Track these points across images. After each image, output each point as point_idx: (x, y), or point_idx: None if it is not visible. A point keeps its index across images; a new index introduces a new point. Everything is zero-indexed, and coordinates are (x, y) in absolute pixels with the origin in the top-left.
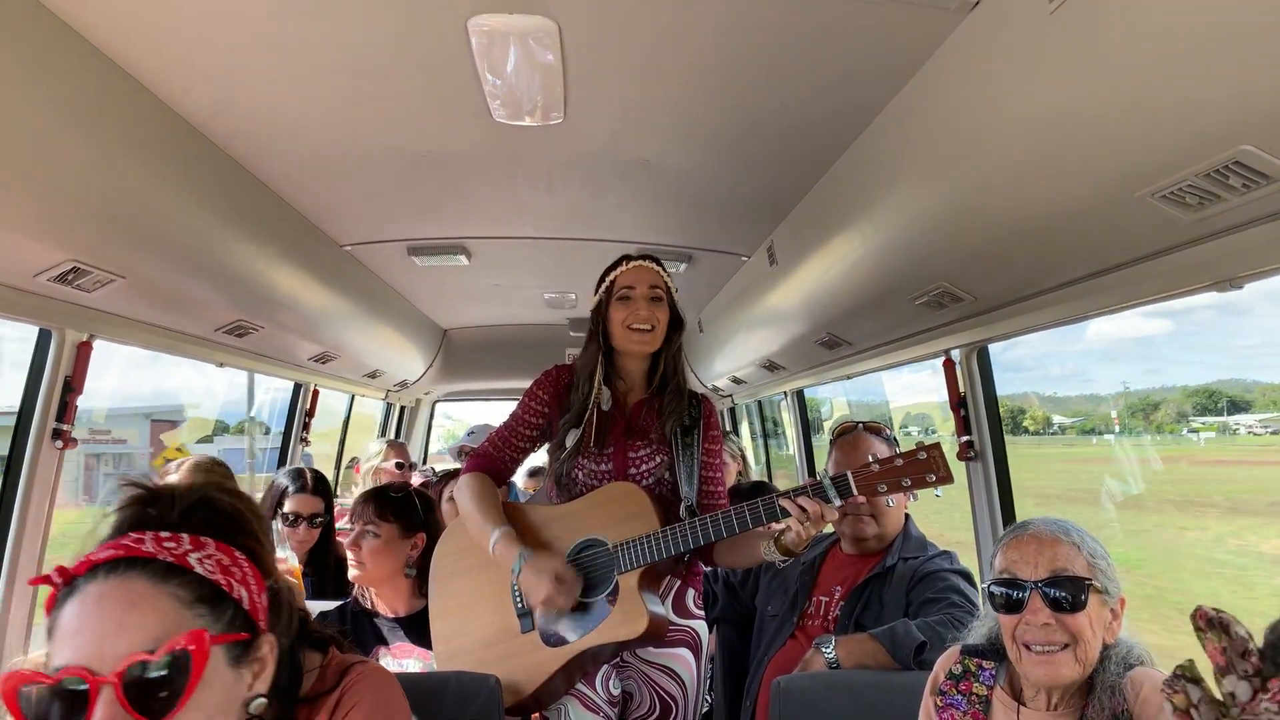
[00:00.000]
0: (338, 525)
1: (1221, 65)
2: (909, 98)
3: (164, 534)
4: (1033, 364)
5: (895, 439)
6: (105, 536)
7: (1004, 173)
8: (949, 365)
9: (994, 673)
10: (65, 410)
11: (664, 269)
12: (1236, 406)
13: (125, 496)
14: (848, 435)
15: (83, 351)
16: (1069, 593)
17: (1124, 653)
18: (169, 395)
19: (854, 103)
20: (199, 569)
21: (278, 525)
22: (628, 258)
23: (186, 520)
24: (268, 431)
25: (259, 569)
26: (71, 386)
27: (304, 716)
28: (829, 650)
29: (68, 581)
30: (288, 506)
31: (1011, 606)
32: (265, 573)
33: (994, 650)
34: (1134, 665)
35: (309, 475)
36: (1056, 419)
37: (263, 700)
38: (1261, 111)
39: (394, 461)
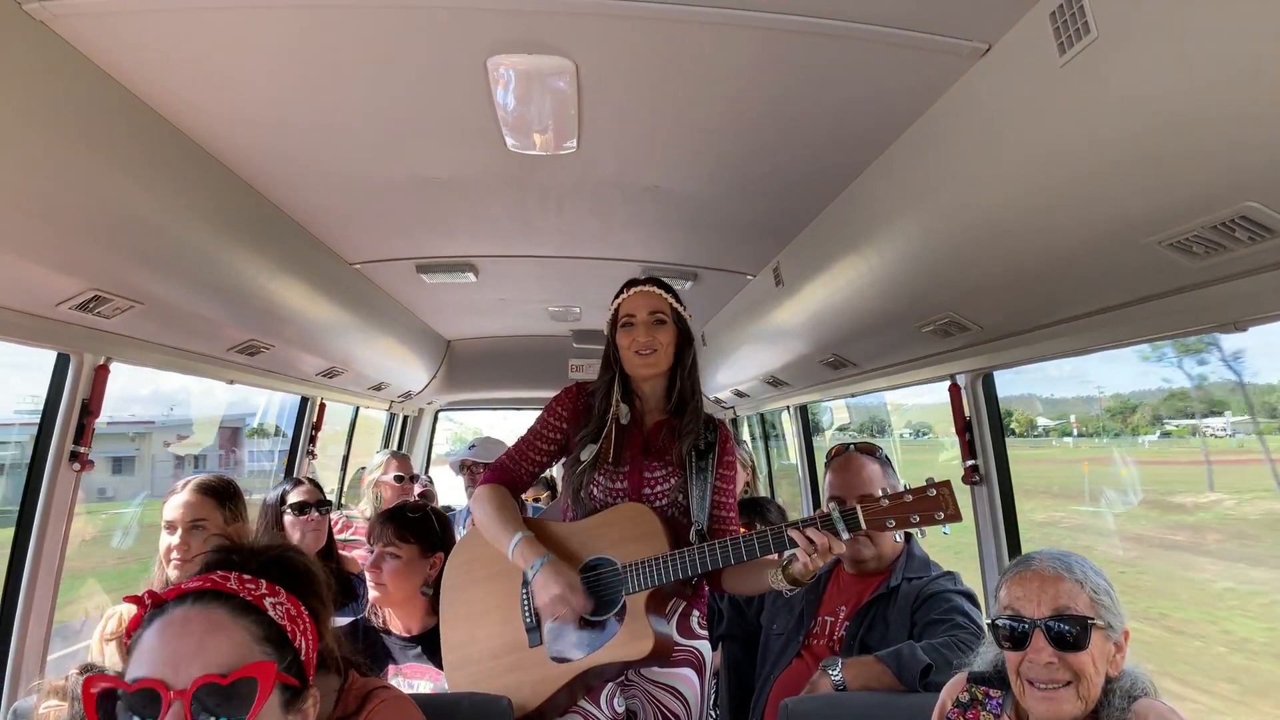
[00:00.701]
0: (339, 537)
1: (1228, 123)
2: (918, 134)
3: (246, 576)
4: (1033, 367)
5: (888, 457)
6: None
7: (1012, 211)
8: (954, 390)
9: (1001, 702)
10: (82, 433)
11: (667, 291)
12: (1213, 410)
13: (214, 547)
14: (840, 458)
15: (100, 375)
16: (1071, 631)
17: (1128, 685)
18: (175, 404)
19: (863, 137)
20: (271, 613)
21: (289, 528)
22: (631, 283)
23: (264, 572)
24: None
25: (317, 628)
26: (89, 410)
27: None
28: (835, 673)
29: (157, 604)
30: (293, 499)
31: (1015, 643)
32: (321, 635)
33: (1000, 679)
34: (1138, 697)
35: (303, 477)
36: (1042, 421)
37: None
38: (1266, 169)
39: (394, 474)
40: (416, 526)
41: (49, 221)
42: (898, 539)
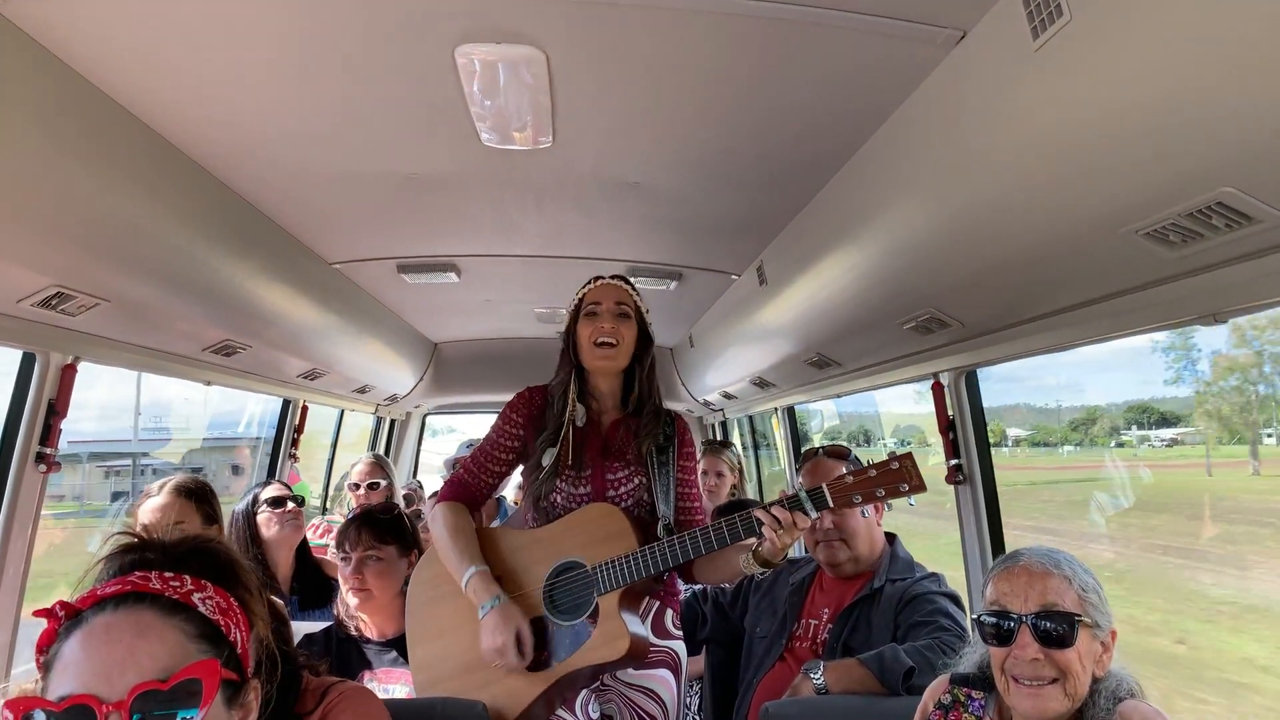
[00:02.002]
0: (321, 542)
1: (1203, 108)
2: (895, 126)
3: (168, 573)
4: (1026, 374)
5: (858, 459)
6: (100, 578)
7: (989, 203)
8: (938, 388)
9: (983, 703)
10: (49, 434)
11: (633, 287)
12: (1166, 421)
13: (121, 543)
14: (810, 461)
15: (67, 374)
16: (1058, 628)
17: (1114, 686)
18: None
19: (840, 129)
20: (201, 608)
21: (265, 525)
22: (597, 277)
23: (184, 566)
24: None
25: (248, 619)
26: (55, 410)
27: None
28: (817, 676)
29: (72, 615)
30: (267, 495)
31: (1001, 639)
32: (253, 624)
33: (984, 680)
34: (1124, 699)
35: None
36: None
37: None
38: (1242, 155)
39: (367, 482)
40: (393, 527)
41: (8, 215)
42: (870, 520)
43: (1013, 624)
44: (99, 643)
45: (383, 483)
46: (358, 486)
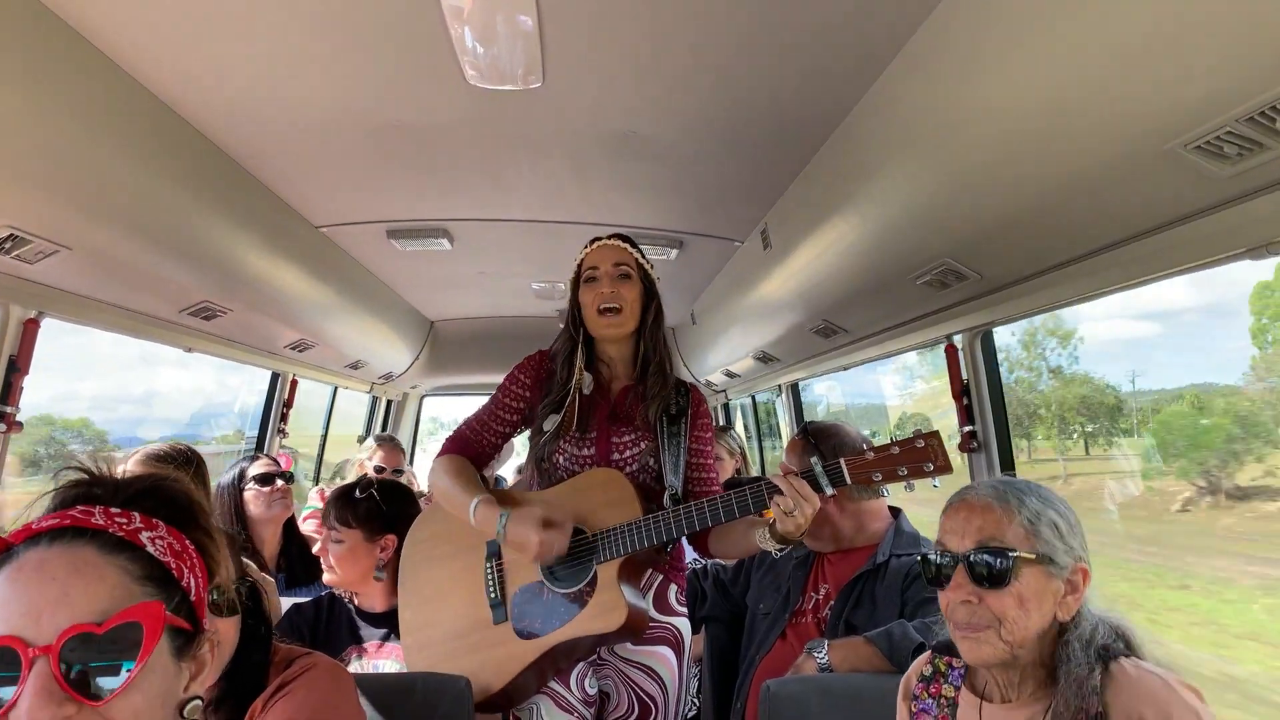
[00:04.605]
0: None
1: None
2: (904, 66)
3: (114, 509)
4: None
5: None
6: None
7: (1016, 135)
8: (951, 351)
9: (962, 672)
10: (9, 392)
11: (633, 244)
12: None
13: (68, 479)
14: (791, 439)
15: (29, 330)
16: (993, 565)
17: (1090, 633)
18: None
19: (846, 74)
20: (150, 548)
21: (252, 502)
22: (595, 239)
23: (136, 505)
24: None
25: (206, 565)
26: (16, 366)
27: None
28: (821, 655)
29: (4, 549)
30: (255, 471)
31: (939, 580)
32: (213, 572)
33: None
34: (1112, 653)
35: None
36: None
37: (198, 703)
38: None
39: (375, 464)
40: (358, 509)
41: None
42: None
43: (949, 564)
44: (29, 580)
45: (406, 470)
46: (383, 470)
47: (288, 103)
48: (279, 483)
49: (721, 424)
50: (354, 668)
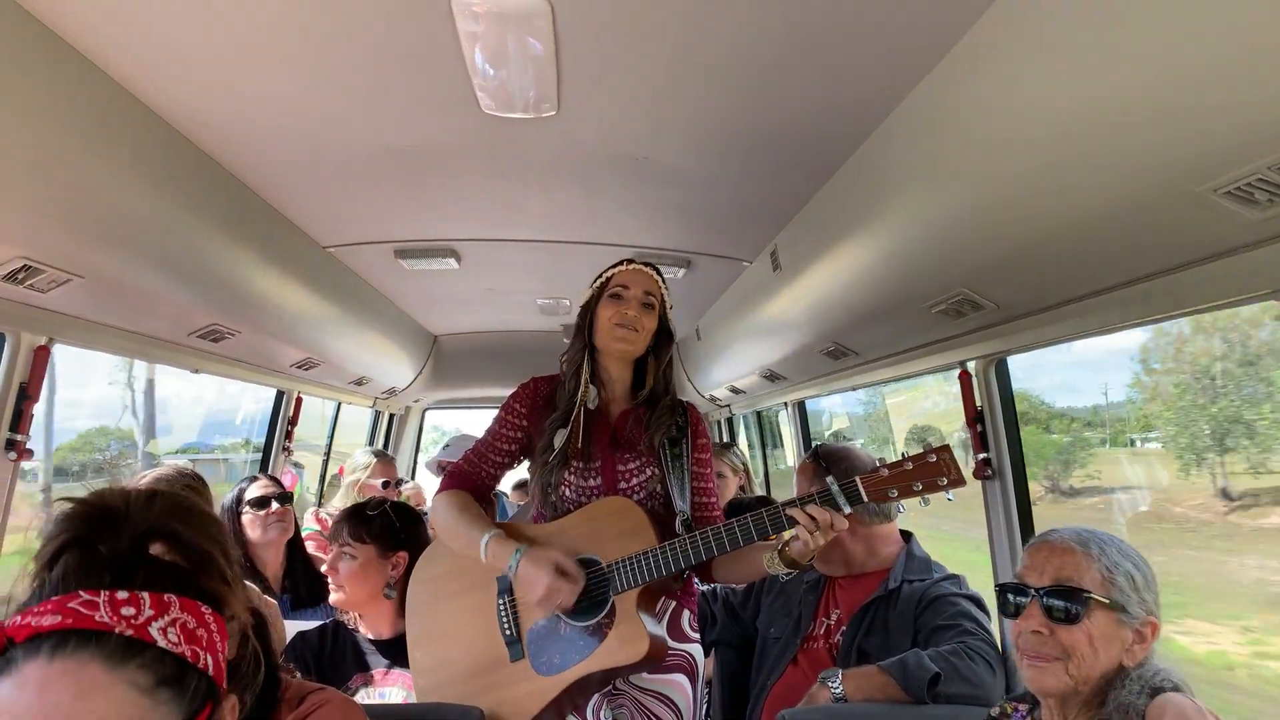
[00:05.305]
0: (322, 537)
1: None
2: (928, 91)
3: (121, 595)
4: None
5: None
6: (39, 583)
7: (1041, 168)
8: (965, 377)
9: (1025, 715)
10: (20, 419)
11: (663, 280)
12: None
13: (63, 522)
14: (802, 462)
15: (40, 356)
16: (1065, 603)
17: (1151, 675)
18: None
19: (867, 98)
20: (162, 641)
21: (249, 527)
22: (629, 260)
23: (145, 571)
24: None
25: (224, 619)
26: (27, 394)
27: None
28: (835, 684)
29: (3, 646)
30: (251, 494)
31: (1012, 611)
32: (229, 621)
33: (1033, 696)
34: (1162, 689)
35: (265, 475)
36: None
37: None
38: None
39: (380, 480)
40: (373, 525)
41: None
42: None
43: (1024, 597)
44: (31, 704)
45: (408, 482)
46: (388, 484)
47: (302, 129)
48: (274, 505)
49: (724, 440)
50: (361, 696)
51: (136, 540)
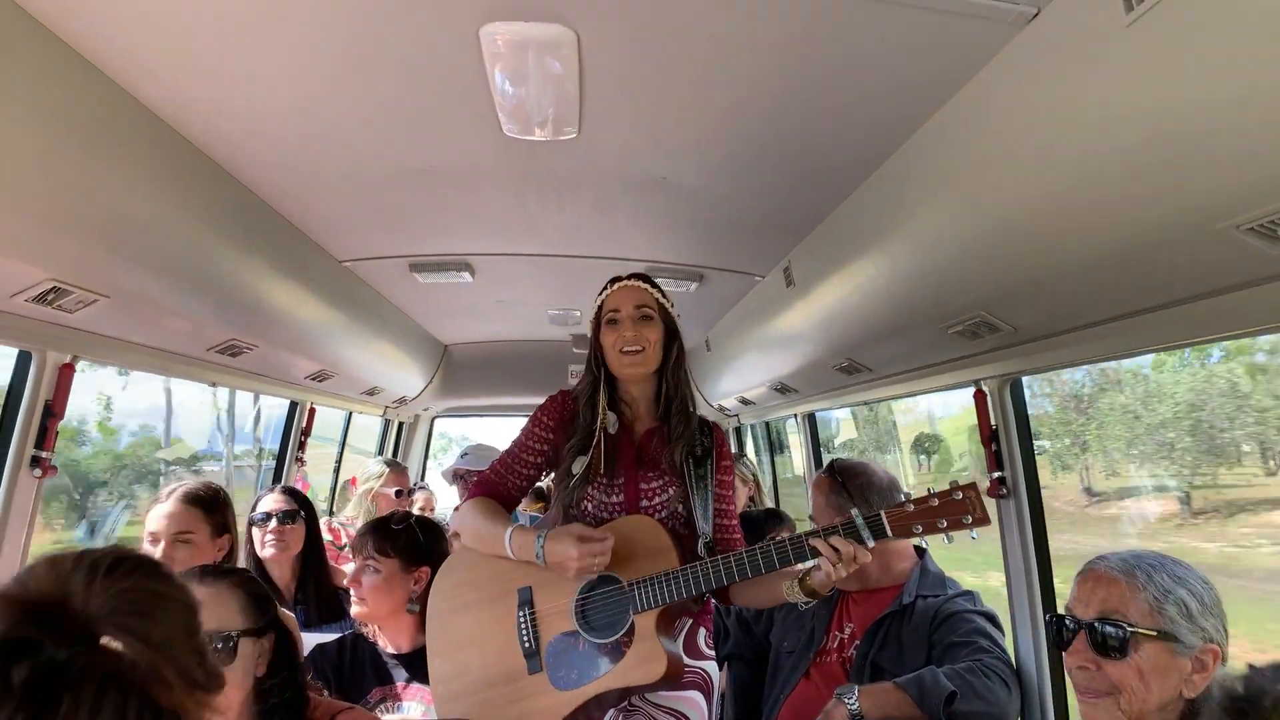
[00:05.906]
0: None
1: None
2: (952, 113)
3: None
4: None
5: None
6: None
7: (1061, 197)
8: (980, 396)
9: None
10: (45, 436)
11: (654, 285)
12: None
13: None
14: (818, 477)
15: (64, 374)
16: (1112, 637)
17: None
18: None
19: (888, 119)
20: None
21: (256, 541)
22: (615, 279)
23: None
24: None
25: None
26: (52, 411)
27: None
28: (851, 701)
29: None
30: (257, 511)
31: (1061, 643)
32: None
33: None
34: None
35: (280, 487)
36: None
37: None
38: None
39: (394, 489)
40: (398, 539)
41: (1, 204)
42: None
43: (1071, 630)
44: None
45: (422, 490)
46: (401, 493)
47: (321, 146)
48: (273, 523)
49: (734, 451)
50: (381, 711)
51: (72, 661)
